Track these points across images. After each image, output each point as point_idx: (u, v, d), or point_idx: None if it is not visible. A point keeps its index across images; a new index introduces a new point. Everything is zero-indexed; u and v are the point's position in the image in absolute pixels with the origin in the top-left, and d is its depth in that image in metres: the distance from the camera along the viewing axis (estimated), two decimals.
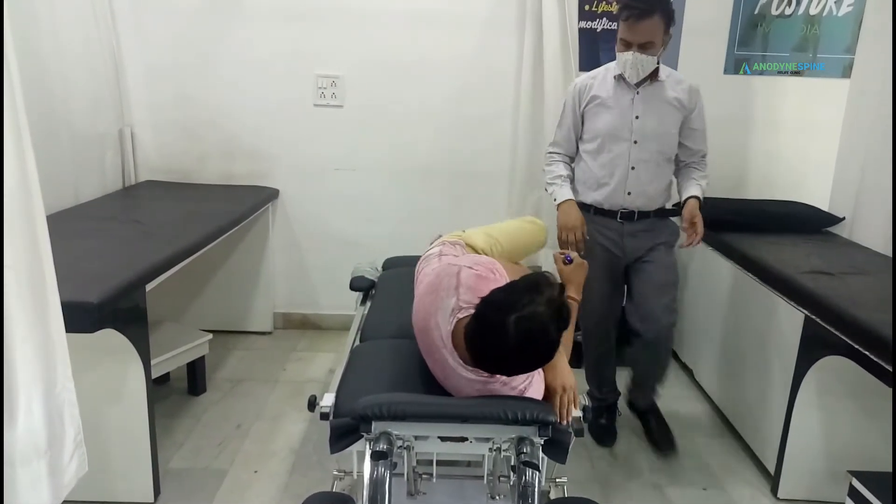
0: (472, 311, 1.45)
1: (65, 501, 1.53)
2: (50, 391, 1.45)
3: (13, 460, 1.38)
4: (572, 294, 1.88)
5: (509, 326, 1.34)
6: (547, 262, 3.11)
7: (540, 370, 1.55)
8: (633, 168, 2.37)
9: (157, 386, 2.79)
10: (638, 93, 2.35)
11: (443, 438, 1.49)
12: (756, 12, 3.25)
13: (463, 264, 1.66)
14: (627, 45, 2.23)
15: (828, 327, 2.04)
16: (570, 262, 1.93)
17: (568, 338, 1.81)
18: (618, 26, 2.26)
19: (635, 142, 2.35)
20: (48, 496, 1.46)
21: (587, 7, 3.23)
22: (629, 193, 2.39)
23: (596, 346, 2.60)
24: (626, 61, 2.26)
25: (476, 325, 1.42)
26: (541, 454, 1.46)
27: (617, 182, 2.39)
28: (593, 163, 2.41)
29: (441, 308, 1.56)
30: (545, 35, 3.10)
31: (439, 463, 1.58)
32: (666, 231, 2.46)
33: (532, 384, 1.53)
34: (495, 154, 3.39)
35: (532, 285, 1.42)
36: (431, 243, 2.12)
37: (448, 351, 1.52)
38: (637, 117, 2.34)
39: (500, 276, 1.68)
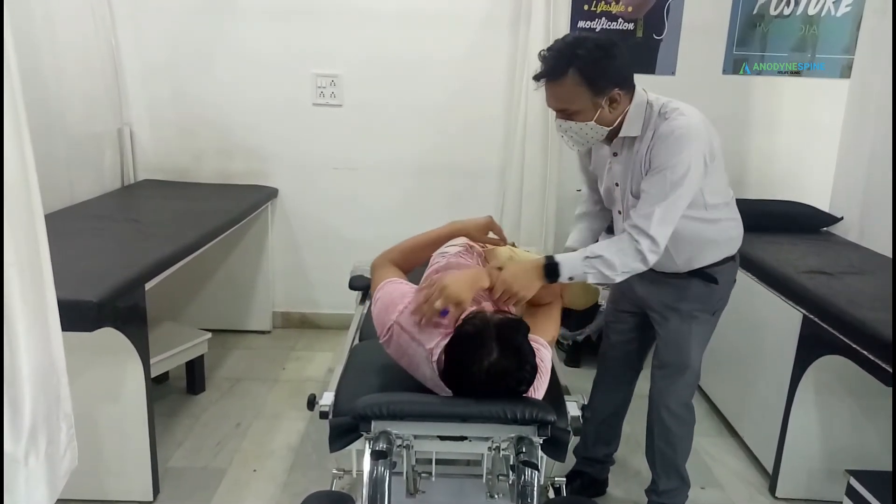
0: (443, 343, 1.48)
1: (65, 500, 1.54)
2: (49, 387, 1.46)
3: (17, 457, 1.38)
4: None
5: (474, 377, 1.41)
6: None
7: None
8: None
9: (156, 385, 2.79)
10: (615, 154, 1.81)
11: (442, 437, 1.49)
12: (755, 12, 3.26)
13: (393, 319, 1.58)
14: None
15: (826, 326, 2.05)
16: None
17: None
18: None
19: (619, 212, 1.89)
20: (46, 491, 1.47)
21: (586, 7, 3.23)
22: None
23: (604, 388, 2.21)
24: (558, 128, 1.75)
25: (447, 381, 1.48)
26: (540, 453, 1.46)
27: None
28: None
29: (420, 364, 1.55)
30: (540, 34, 3.10)
31: (438, 462, 1.58)
32: (688, 296, 1.89)
33: (536, 387, 1.53)
34: (494, 153, 3.39)
35: (477, 339, 1.41)
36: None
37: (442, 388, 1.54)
38: (617, 185, 1.84)
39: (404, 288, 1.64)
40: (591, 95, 1.65)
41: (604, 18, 3.25)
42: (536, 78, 1.68)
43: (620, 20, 3.25)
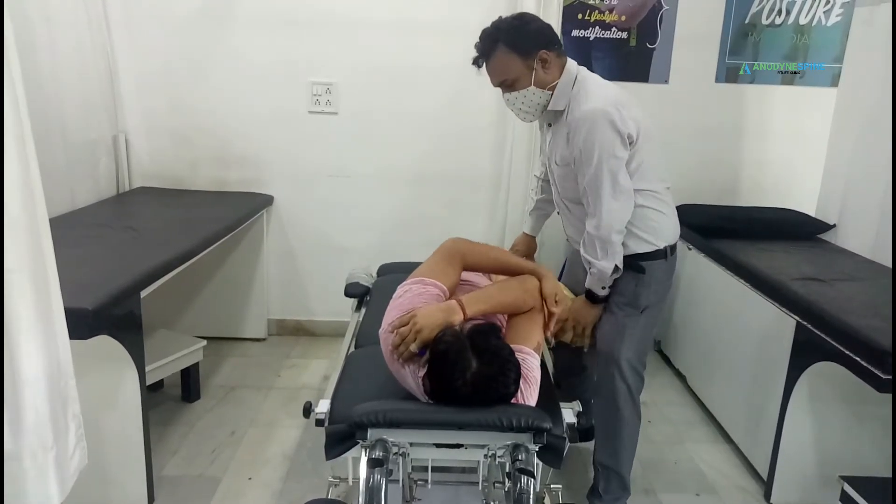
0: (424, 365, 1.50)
1: None
2: (54, 387, 1.47)
3: (21, 455, 1.40)
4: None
5: (460, 392, 1.42)
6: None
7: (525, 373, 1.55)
8: (558, 212, 2.11)
9: (151, 393, 2.78)
10: (549, 125, 1.98)
11: (438, 445, 1.50)
12: (747, 21, 3.29)
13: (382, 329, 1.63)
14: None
15: (819, 333, 2.06)
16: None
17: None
18: None
19: (551, 183, 2.08)
20: (56, 489, 1.49)
21: (580, 16, 3.26)
22: (567, 239, 2.16)
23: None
24: (507, 103, 1.93)
25: (432, 390, 1.49)
26: (535, 460, 1.47)
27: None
28: None
29: (406, 379, 1.58)
30: None
31: (434, 469, 1.58)
32: (616, 290, 1.94)
33: (526, 396, 1.53)
34: (488, 161, 3.40)
35: (453, 355, 1.42)
36: None
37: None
38: (549, 157, 2.02)
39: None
40: (522, 59, 1.81)
41: (597, 27, 3.27)
42: (476, 62, 1.87)
43: (614, 29, 3.28)
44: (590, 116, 1.76)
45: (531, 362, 1.56)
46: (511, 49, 1.80)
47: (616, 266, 1.85)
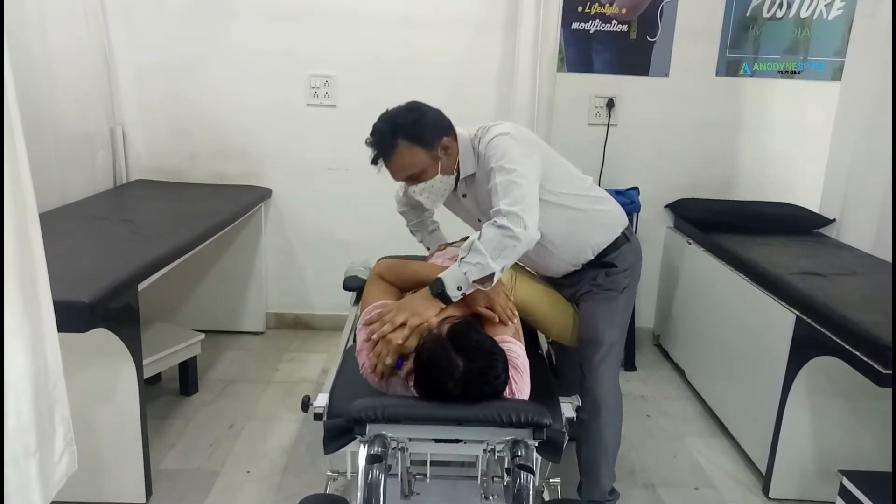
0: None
1: (56, 502, 1.52)
2: (41, 389, 1.44)
3: (3, 460, 1.36)
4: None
5: (452, 393, 1.40)
6: None
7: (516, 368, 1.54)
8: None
9: (149, 386, 2.78)
10: (465, 195, 1.91)
11: (437, 440, 1.49)
12: (748, 15, 3.27)
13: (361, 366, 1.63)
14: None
15: (818, 328, 2.06)
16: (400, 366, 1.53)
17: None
18: None
19: None
20: (38, 496, 1.45)
21: (580, 9, 3.24)
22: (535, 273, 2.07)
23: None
24: (414, 194, 1.88)
25: (420, 391, 1.47)
26: (535, 455, 1.46)
27: None
28: None
29: (398, 388, 1.57)
30: (533, 37, 3.10)
31: (433, 463, 1.57)
32: (594, 283, 1.95)
33: (519, 386, 1.53)
34: None
35: (437, 359, 1.42)
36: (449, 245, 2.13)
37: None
38: (480, 220, 1.85)
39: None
40: (426, 151, 1.76)
41: (598, 20, 3.25)
42: (374, 161, 1.80)
43: (614, 22, 3.26)
44: (494, 134, 1.77)
45: (515, 350, 1.56)
46: (413, 143, 1.75)
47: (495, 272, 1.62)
